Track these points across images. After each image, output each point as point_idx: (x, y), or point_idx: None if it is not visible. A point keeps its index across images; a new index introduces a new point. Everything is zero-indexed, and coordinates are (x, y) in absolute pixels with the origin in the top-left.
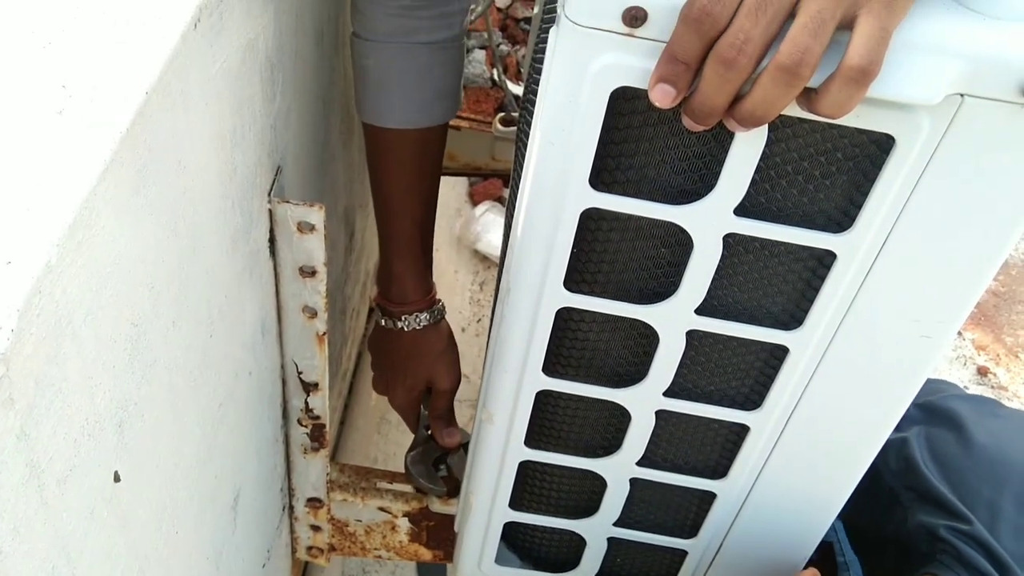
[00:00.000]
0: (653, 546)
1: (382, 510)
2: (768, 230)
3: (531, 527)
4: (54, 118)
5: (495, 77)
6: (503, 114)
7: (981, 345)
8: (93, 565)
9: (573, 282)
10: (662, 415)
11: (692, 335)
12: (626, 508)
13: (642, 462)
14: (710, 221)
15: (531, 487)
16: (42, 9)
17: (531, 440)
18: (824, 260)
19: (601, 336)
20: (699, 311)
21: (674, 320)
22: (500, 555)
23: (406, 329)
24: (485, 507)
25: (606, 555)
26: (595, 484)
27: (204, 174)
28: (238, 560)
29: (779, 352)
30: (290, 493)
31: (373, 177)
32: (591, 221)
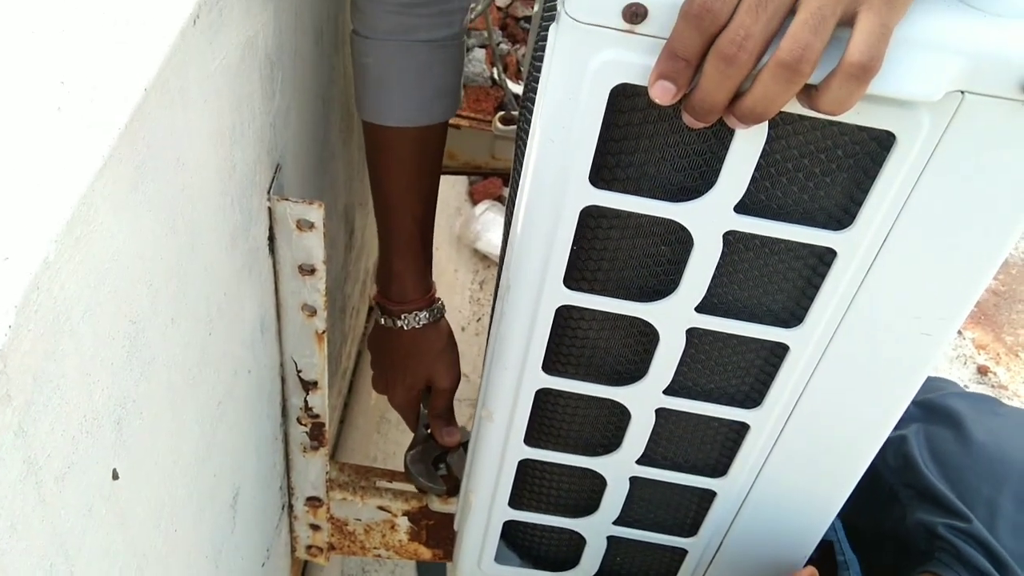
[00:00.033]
0: (653, 545)
1: (381, 509)
2: (768, 228)
3: (531, 526)
4: (53, 115)
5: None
6: (503, 113)
7: (981, 344)
8: (91, 563)
9: (573, 280)
10: (662, 413)
11: (692, 333)
12: (626, 507)
13: (642, 460)
14: (710, 219)
15: (531, 485)
16: (42, 9)
17: (531, 438)
18: (825, 258)
19: (601, 334)
20: (699, 309)
21: (674, 318)
22: (500, 554)
23: (406, 328)
24: (485, 505)
25: (606, 554)
26: (595, 482)
27: (203, 171)
28: (237, 559)
29: (779, 350)
30: (289, 492)
31: (373, 175)
32: (591, 219)
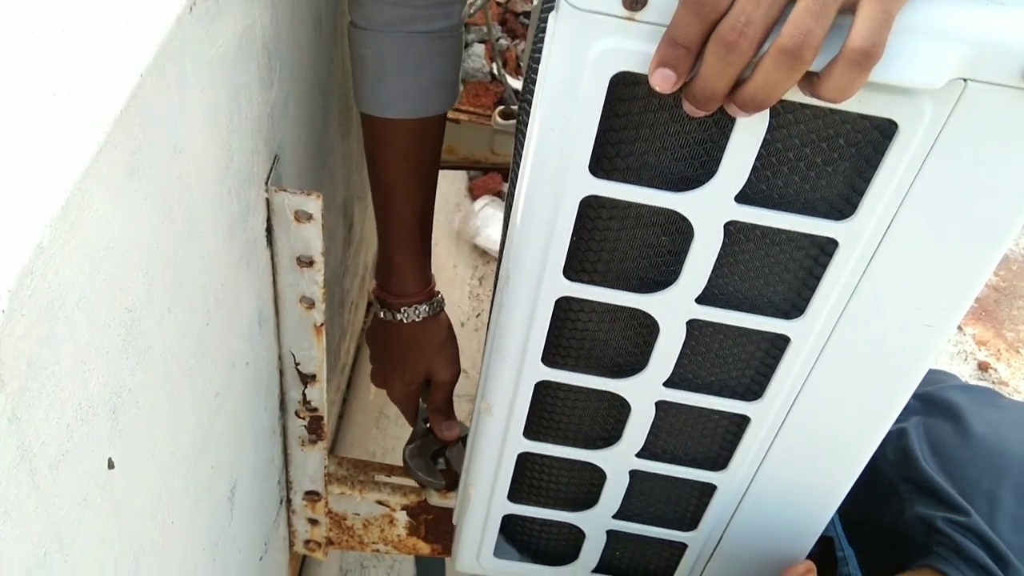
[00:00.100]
0: (652, 539)
1: (380, 503)
2: (769, 217)
3: (530, 520)
4: (47, 99)
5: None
6: (502, 107)
7: (982, 340)
8: (87, 552)
9: (573, 271)
10: (662, 406)
11: (693, 324)
12: (625, 500)
13: (642, 454)
14: (711, 208)
15: (530, 479)
16: (42, 9)
17: (530, 431)
18: (826, 248)
19: (601, 326)
20: (700, 300)
21: (674, 309)
22: (499, 548)
23: (405, 321)
24: (484, 499)
25: (605, 548)
26: (594, 476)
27: (200, 160)
28: (235, 552)
29: (780, 341)
30: (288, 486)
31: (372, 168)
32: (591, 209)
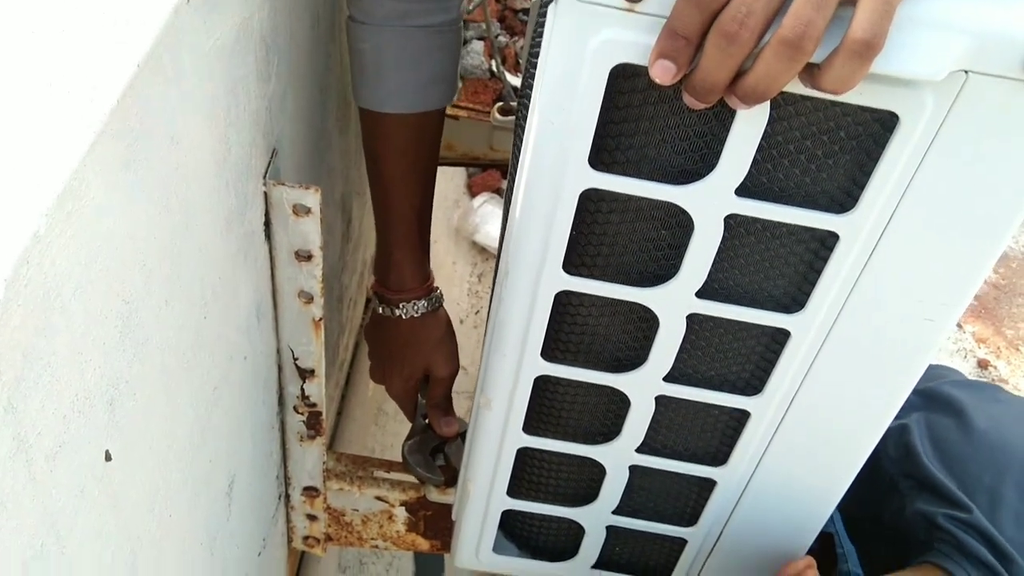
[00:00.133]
0: (652, 534)
1: (379, 499)
2: (770, 211)
3: (529, 515)
4: (44, 89)
5: (493, 68)
6: (501, 103)
7: (981, 338)
8: (83, 544)
9: (572, 265)
10: (662, 401)
11: (693, 319)
12: (625, 496)
13: (641, 449)
14: (711, 201)
15: (529, 474)
16: (41, 9)
17: (529, 426)
18: (826, 241)
19: (600, 320)
20: (700, 294)
21: (674, 303)
22: (498, 544)
23: (404, 317)
24: (483, 494)
25: (605, 543)
26: (594, 471)
27: (197, 152)
28: (233, 547)
29: (780, 336)
30: (286, 481)
31: (370, 163)
32: (590, 203)
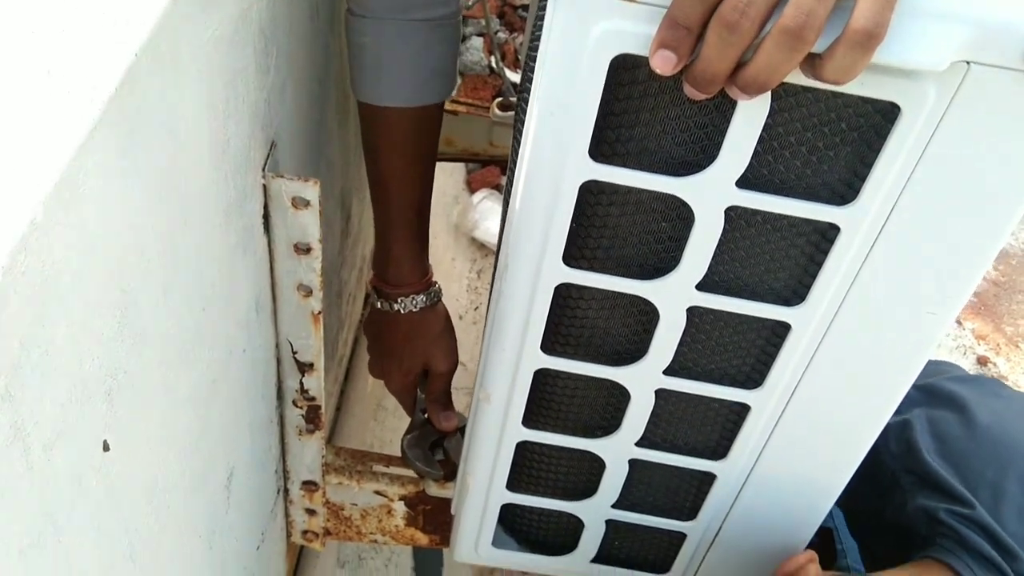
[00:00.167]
0: (652, 529)
1: (378, 494)
2: (771, 203)
3: (529, 509)
4: (42, 77)
5: (493, 65)
6: (500, 99)
7: (981, 335)
8: (81, 534)
9: (572, 258)
10: (662, 394)
11: (693, 312)
12: (625, 490)
13: (641, 442)
14: (712, 193)
15: (529, 468)
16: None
17: (529, 420)
18: (827, 234)
19: (600, 313)
20: (700, 287)
21: (675, 296)
22: (497, 538)
23: (403, 311)
24: (482, 488)
25: (604, 538)
26: (593, 465)
27: (196, 144)
28: (231, 540)
29: (781, 329)
30: (285, 475)
31: (369, 157)
32: (590, 195)
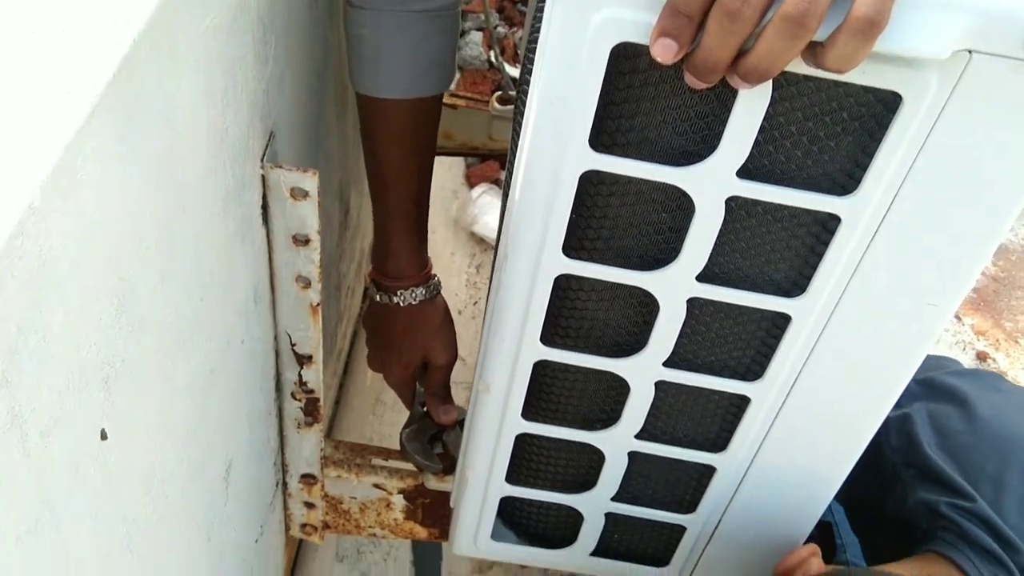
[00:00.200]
0: (651, 522)
1: (377, 487)
2: (771, 193)
3: (528, 502)
4: (39, 64)
5: (492, 59)
6: (500, 92)
7: (980, 330)
8: (79, 522)
9: (572, 248)
10: (662, 386)
11: (693, 303)
12: (624, 482)
13: (641, 435)
14: (712, 183)
15: (528, 461)
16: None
17: (528, 412)
18: (828, 225)
19: (600, 305)
20: (700, 278)
21: (675, 287)
22: (496, 531)
23: (402, 304)
24: (481, 481)
25: (604, 531)
26: (593, 458)
27: (194, 132)
28: (230, 531)
29: (781, 321)
30: (284, 469)
31: (368, 149)
32: (590, 185)
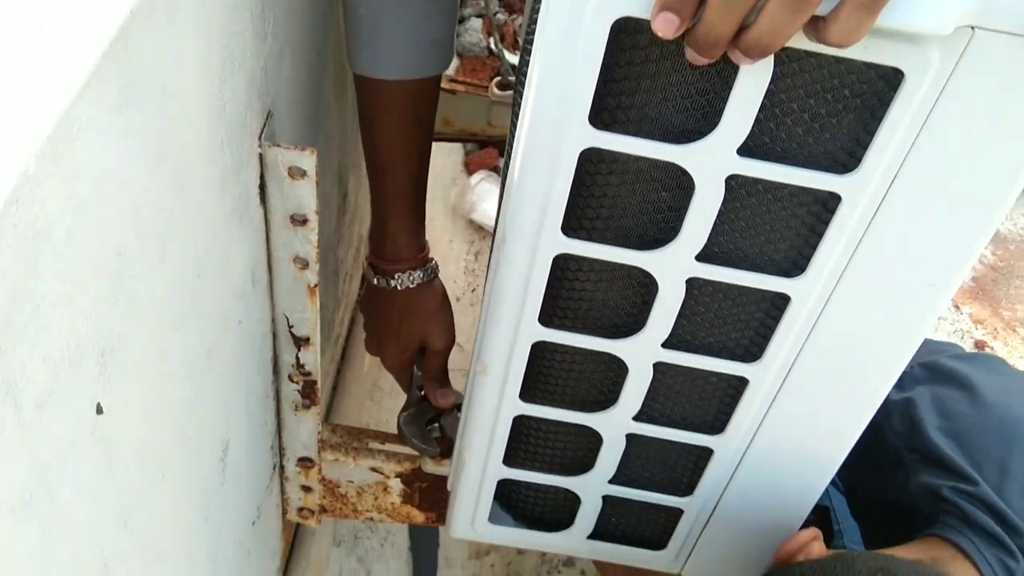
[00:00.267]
0: (648, 504)
1: (374, 471)
2: (772, 171)
3: (525, 485)
4: (35, 31)
5: (492, 46)
6: (499, 78)
7: (979, 319)
8: (74, 497)
9: (571, 228)
10: (660, 368)
11: (692, 283)
12: (622, 465)
13: (639, 417)
14: (712, 161)
15: (525, 443)
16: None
17: (526, 394)
18: (828, 203)
19: (599, 285)
20: (700, 258)
21: (674, 267)
22: (494, 514)
23: (399, 288)
24: (479, 463)
25: (601, 513)
26: (591, 440)
27: (191, 107)
28: (227, 512)
29: (780, 301)
30: (281, 452)
31: (366, 131)
32: (590, 164)
